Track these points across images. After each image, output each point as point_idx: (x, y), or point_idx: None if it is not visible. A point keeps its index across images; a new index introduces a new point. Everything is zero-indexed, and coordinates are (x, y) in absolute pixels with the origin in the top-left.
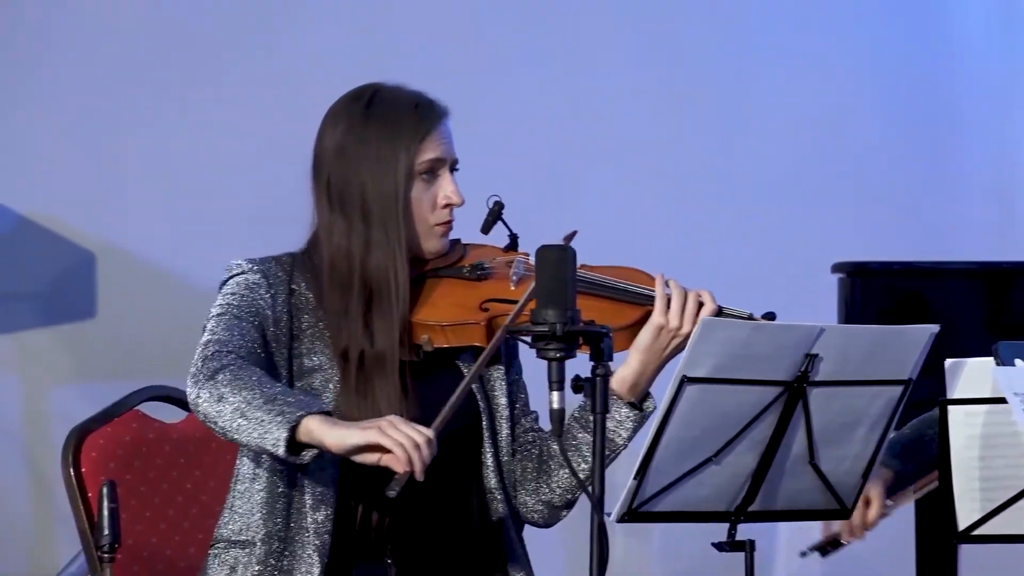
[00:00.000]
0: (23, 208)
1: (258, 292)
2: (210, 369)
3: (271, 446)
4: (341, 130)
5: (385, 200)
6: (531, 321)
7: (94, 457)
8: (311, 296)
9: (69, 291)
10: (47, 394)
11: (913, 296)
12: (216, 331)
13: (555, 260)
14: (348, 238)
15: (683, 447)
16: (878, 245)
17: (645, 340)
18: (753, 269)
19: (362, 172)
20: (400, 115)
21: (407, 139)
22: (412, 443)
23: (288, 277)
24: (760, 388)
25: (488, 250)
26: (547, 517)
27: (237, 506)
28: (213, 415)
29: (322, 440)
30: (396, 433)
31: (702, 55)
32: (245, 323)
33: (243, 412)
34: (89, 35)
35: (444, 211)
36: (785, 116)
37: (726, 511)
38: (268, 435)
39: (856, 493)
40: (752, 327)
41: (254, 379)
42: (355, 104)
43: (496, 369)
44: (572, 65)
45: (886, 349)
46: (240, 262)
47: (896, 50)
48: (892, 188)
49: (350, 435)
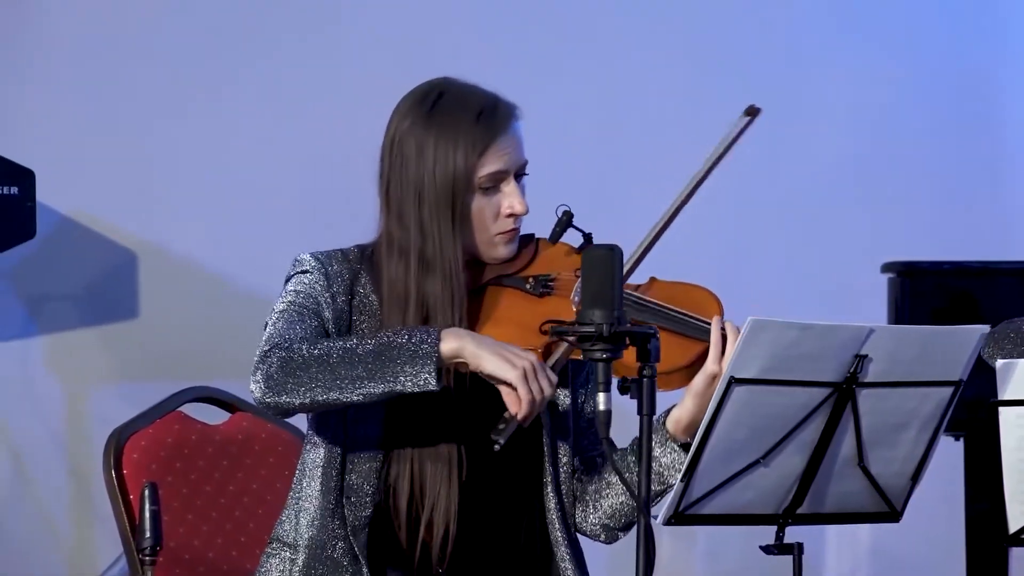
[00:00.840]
0: (65, 208)
1: (319, 291)
2: (277, 358)
3: (414, 386)
4: (402, 132)
5: (441, 215)
6: (577, 322)
7: (136, 459)
8: (374, 300)
9: (111, 291)
10: (88, 395)
11: (964, 296)
12: (278, 325)
13: (602, 260)
14: (405, 256)
15: (731, 449)
16: (928, 244)
17: (699, 386)
18: (801, 269)
19: (420, 181)
20: (460, 124)
21: (465, 152)
22: (542, 397)
23: (352, 275)
24: (809, 389)
25: (560, 253)
26: (605, 537)
27: (291, 504)
28: (312, 395)
29: (467, 357)
30: (534, 383)
31: (748, 54)
32: (309, 320)
33: (347, 373)
34: (132, 32)
35: (507, 220)
36: (833, 114)
37: (774, 514)
38: (405, 379)
39: (906, 495)
40: (800, 328)
41: (334, 341)
42: (421, 105)
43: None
44: (614, 67)
45: (936, 350)
46: (306, 257)
47: (945, 46)
48: (943, 186)
49: (495, 364)
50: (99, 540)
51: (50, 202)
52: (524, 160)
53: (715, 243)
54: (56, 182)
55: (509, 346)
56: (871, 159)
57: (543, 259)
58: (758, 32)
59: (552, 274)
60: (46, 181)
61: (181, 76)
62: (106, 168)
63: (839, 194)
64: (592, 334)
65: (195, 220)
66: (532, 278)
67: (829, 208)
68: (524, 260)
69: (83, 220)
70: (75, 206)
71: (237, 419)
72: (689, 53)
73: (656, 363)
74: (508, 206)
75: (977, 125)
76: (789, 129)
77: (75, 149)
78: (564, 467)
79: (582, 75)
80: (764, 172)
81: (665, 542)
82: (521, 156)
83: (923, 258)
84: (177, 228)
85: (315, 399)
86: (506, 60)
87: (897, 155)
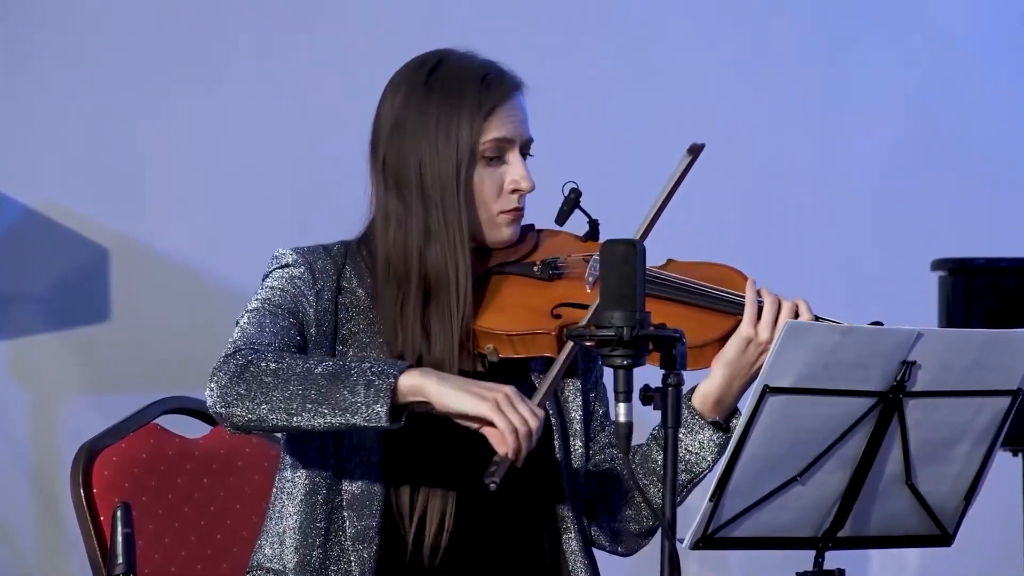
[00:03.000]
0: (29, 199)
1: (301, 288)
2: (236, 365)
3: (365, 421)
4: (400, 102)
5: (444, 182)
6: (595, 324)
7: (107, 476)
8: (362, 295)
9: (80, 292)
10: (55, 406)
11: (1021, 295)
12: (247, 327)
13: (622, 256)
14: (405, 226)
15: (764, 465)
16: (982, 240)
17: (731, 353)
18: (848, 267)
19: (420, 150)
20: (465, 87)
21: (470, 115)
22: (526, 428)
23: (338, 272)
24: (851, 399)
25: (565, 240)
26: (625, 546)
27: (270, 528)
28: (261, 412)
29: (428, 396)
30: (512, 413)
31: (796, 46)
32: (282, 320)
33: (304, 395)
34: (104, 12)
35: (512, 197)
36: (882, 106)
37: (812, 537)
38: (358, 410)
39: (958, 517)
40: (842, 331)
41: (298, 359)
42: (418, 73)
43: (571, 381)
44: (660, 49)
45: (992, 355)
46: (285, 251)
47: (995, 38)
48: (996, 179)
49: (460, 400)
50: (67, 566)
51: (11, 192)
52: (530, 136)
53: (757, 241)
54: (18, 170)
55: (478, 381)
56: (921, 150)
57: (548, 246)
58: (805, 20)
59: (560, 256)
60: (7, 169)
61: (158, 59)
62: (75, 156)
63: (886, 187)
64: (611, 338)
65: (173, 213)
66: (540, 262)
67: (875, 202)
68: (528, 247)
69: (49, 212)
70: (39, 197)
71: (218, 432)
72: (733, 40)
73: (683, 370)
74: (512, 180)
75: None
76: (836, 120)
77: (39, 134)
78: (579, 474)
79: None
80: (809, 164)
81: (693, 569)
82: (527, 130)
83: (977, 255)
84: (153, 222)
85: (264, 417)
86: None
87: (948, 146)
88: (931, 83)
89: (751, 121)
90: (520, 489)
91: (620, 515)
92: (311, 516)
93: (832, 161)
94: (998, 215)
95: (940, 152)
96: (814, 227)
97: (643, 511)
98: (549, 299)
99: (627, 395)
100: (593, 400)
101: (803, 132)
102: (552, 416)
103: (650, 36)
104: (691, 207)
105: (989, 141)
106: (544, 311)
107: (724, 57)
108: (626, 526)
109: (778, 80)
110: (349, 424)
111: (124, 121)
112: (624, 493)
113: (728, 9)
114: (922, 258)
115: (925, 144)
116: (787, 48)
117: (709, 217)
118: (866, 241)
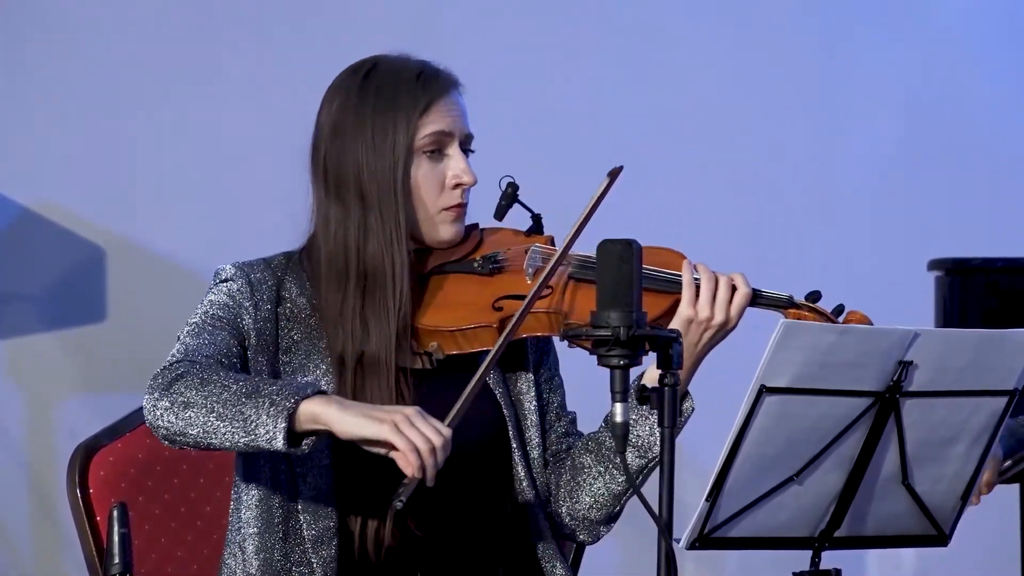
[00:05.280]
0: (25, 199)
1: (239, 300)
2: (168, 378)
3: (265, 442)
4: (337, 106)
5: (382, 181)
6: (591, 324)
7: (103, 476)
8: (303, 303)
9: (76, 292)
10: (52, 406)
11: (1018, 296)
12: (186, 340)
13: (618, 255)
14: (344, 227)
15: (761, 465)
16: (979, 240)
17: None
18: (845, 266)
19: (358, 151)
20: (400, 86)
21: (406, 112)
22: (428, 446)
23: (277, 283)
24: (847, 399)
25: (508, 235)
26: (587, 534)
27: (230, 538)
28: (181, 426)
29: (328, 423)
30: (412, 432)
31: (793, 45)
32: (220, 332)
33: (219, 412)
34: (100, 12)
35: (454, 192)
36: (879, 106)
37: (809, 537)
38: (259, 430)
39: (955, 517)
40: (838, 331)
41: (223, 376)
42: (353, 77)
43: (523, 374)
44: (658, 49)
45: (989, 355)
46: (225, 267)
47: (992, 38)
48: (993, 179)
49: (359, 425)
50: (63, 566)
51: (8, 192)
52: (469, 131)
53: (753, 240)
54: (15, 170)
55: (380, 406)
56: (917, 150)
57: (490, 243)
58: (801, 13)
59: (500, 251)
60: (4, 169)
61: (154, 60)
62: (71, 156)
63: (883, 187)
64: (608, 338)
65: (169, 213)
66: (480, 258)
67: (872, 202)
68: (471, 245)
69: (46, 212)
70: (36, 197)
71: None
72: (727, 33)
73: (678, 369)
74: (454, 175)
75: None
76: (832, 121)
77: (37, 135)
78: (535, 461)
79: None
80: (805, 165)
81: (689, 569)
82: (466, 124)
83: (974, 255)
84: (149, 222)
85: (184, 431)
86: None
87: (945, 146)
88: (929, 83)
89: (748, 120)
90: (477, 483)
91: (580, 503)
92: (268, 521)
93: (829, 161)
94: (995, 215)
95: (937, 152)
96: (810, 227)
97: (601, 498)
98: (491, 293)
99: (623, 395)
100: (548, 392)
101: (800, 132)
102: (505, 408)
103: (647, 35)
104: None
105: (986, 141)
106: (485, 305)
107: (720, 56)
108: (588, 513)
109: (775, 79)
110: (254, 444)
111: (121, 121)
112: (582, 481)
113: (725, 8)
114: (919, 258)
115: (922, 144)
116: (784, 47)
117: (706, 216)
118: (863, 241)
